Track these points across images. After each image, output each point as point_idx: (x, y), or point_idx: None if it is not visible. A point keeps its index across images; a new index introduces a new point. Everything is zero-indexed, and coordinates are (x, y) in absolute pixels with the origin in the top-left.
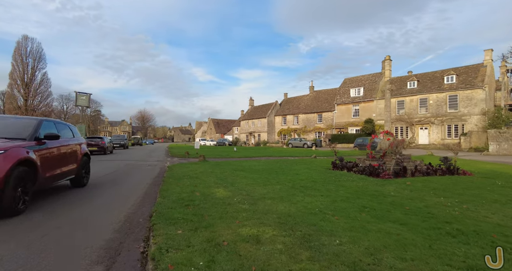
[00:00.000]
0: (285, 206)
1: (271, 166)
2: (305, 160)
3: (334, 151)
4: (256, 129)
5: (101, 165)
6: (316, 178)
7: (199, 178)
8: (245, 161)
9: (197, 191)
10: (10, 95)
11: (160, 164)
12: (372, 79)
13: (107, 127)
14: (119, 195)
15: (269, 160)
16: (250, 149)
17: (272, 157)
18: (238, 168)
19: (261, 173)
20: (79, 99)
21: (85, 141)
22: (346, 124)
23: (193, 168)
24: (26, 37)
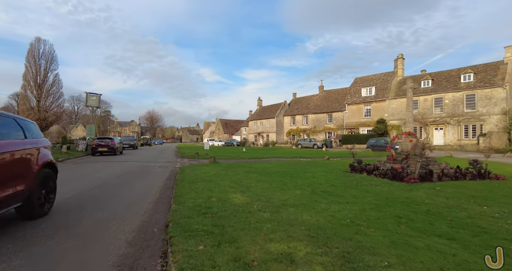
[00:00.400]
0: (311, 216)
1: (284, 168)
2: (318, 162)
3: (352, 153)
4: (264, 130)
5: (112, 167)
6: (336, 182)
7: (213, 182)
8: (256, 163)
9: (213, 197)
10: (24, 96)
11: (170, 165)
12: (384, 78)
13: (117, 128)
14: (131, 200)
15: (281, 161)
16: (259, 149)
17: (283, 158)
18: (250, 170)
19: (276, 176)
20: (89, 100)
21: (49, 145)
22: (357, 124)
23: (205, 170)
24: (38, 39)
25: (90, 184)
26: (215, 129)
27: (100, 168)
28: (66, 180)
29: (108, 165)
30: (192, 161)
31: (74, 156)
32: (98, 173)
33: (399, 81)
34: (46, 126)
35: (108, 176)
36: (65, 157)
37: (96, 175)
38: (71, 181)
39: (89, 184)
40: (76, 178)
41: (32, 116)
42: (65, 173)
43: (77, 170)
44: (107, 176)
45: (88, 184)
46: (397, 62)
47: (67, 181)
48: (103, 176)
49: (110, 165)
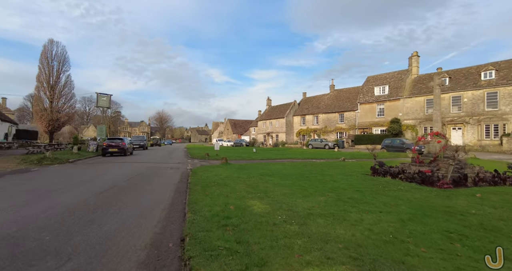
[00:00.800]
0: (345, 229)
1: (300, 170)
2: (334, 164)
3: (373, 154)
4: (274, 130)
5: (122, 169)
6: (360, 187)
7: (227, 186)
8: (269, 164)
9: (230, 204)
10: (37, 97)
11: (181, 167)
12: (398, 76)
13: (127, 128)
14: (142, 207)
15: (294, 163)
16: (269, 150)
17: (295, 160)
18: (265, 172)
19: (293, 179)
20: (100, 100)
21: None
22: (370, 124)
23: (217, 172)
24: (51, 41)
25: (100, 187)
26: (223, 129)
27: (110, 170)
28: (77, 183)
29: (118, 167)
30: (203, 162)
31: (84, 157)
32: (108, 175)
33: (414, 80)
34: (59, 127)
35: (118, 178)
36: (76, 158)
37: (106, 177)
38: (82, 183)
39: (99, 187)
40: (86, 180)
41: (45, 116)
42: (76, 174)
43: (87, 172)
44: (117, 179)
45: (97, 187)
46: (412, 60)
47: (78, 184)
48: (113, 178)
49: (120, 166)
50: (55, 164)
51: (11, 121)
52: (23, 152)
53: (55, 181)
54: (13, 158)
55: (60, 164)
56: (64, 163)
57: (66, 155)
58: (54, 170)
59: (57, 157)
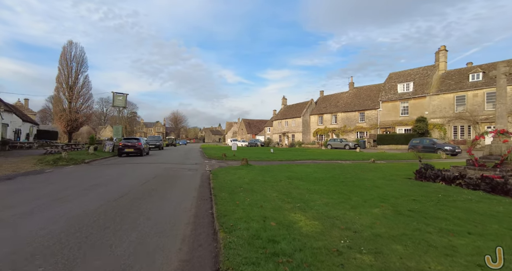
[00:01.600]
0: (442, 264)
1: (329, 173)
2: (365, 166)
3: (419, 157)
4: (289, 129)
5: (138, 170)
6: (414, 195)
7: (256, 192)
8: (292, 166)
9: (269, 218)
10: (57, 98)
11: (200, 168)
12: (423, 72)
13: (142, 128)
14: (161, 220)
15: (319, 164)
16: (286, 150)
17: (319, 161)
18: (292, 175)
19: (327, 184)
20: (116, 100)
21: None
22: (393, 123)
23: (240, 175)
24: (70, 42)
25: (114, 192)
26: (237, 129)
27: (126, 172)
28: (89, 187)
29: (134, 168)
30: (221, 162)
31: (100, 157)
32: (124, 178)
33: (442, 76)
34: (77, 127)
35: (134, 182)
36: (92, 158)
37: (121, 180)
38: (94, 188)
39: (113, 193)
40: (100, 183)
41: (64, 117)
42: (90, 177)
43: (102, 174)
44: (133, 182)
45: (111, 192)
46: (439, 55)
47: (90, 188)
48: (128, 182)
49: (136, 167)
50: (71, 165)
51: (32, 122)
52: (41, 152)
53: (67, 184)
54: (31, 158)
55: (75, 165)
56: (79, 164)
57: (82, 155)
58: (68, 172)
59: (72, 157)
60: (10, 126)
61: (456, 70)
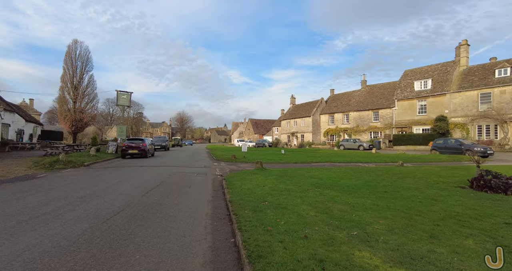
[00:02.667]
0: None
1: (360, 179)
2: (396, 170)
3: (477, 161)
4: (299, 129)
5: (141, 175)
6: (501, 215)
7: (287, 208)
8: (312, 170)
9: (328, 262)
10: (62, 98)
11: (209, 172)
12: (442, 69)
13: (149, 129)
14: (166, 256)
15: (340, 167)
16: (297, 151)
17: (337, 163)
18: (318, 183)
19: (366, 195)
20: (120, 99)
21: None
22: (409, 123)
23: (258, 182)
24: (75, 41)
25: (108, 207)
26: (244, 129)
27: (127, 177)
28: (79, 199)
29: (137, 172)
30: (231, 165)
31: (102, 159)
32: (123, 185)
33: (463, 72)
34: (82, 127)
35: (135, 191)
36: (93, 161)
37: (120, 188)
38: (85, 200)
39: (106, 208)
40: (94, 193)
41: (68, 117)
42: (84, 184)
43: (99, 180)
44: (133, 191)
45: (104, 207)
46: (460, 50)
47: (80, 202)
48: (128, 191)
49: (140, 171)
50: (68, 168)
51: (36, 122)
52: (41, 154)
53: (54, 195)
54: (28, 161)
55: (73, 168)
56: (78, 167)
57: (83, 157)
58: (62, 177)
59: (71, 160)
60: (12, 126)
61: (479, 66)
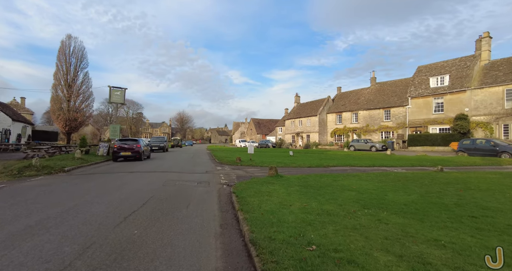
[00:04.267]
0: None
1: (411, 191)
2: (443, 177)
3: None
4: (304, 129)
5: (130, 185)
6: None
7: (357, 264)
8: (337, 177)
9: None
10: (54, 96)
11: (213, 180)
12: (461, 64)
13: (148, 129)
14: None
15: (369, 173)
16: (304, 152)
17: (358, 167)
18: (359, 198)
19: (451, 223)
20: (113, 95)
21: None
22: (424, 122)
23: (280, 198)
24: (69, 36)
25: (50, 255)
26: (246, 129)
27: (108, 189)
28: (17, 234)
29: (124, 181)
30: (237, 170)
31: (89, 163)
32: (96, 205)
33: (485, 67)
34: (76, 127)
35: (109, 216)
36: (77, 165)
37: (89, 210)
38: (25, 237)
39: (45, 259)
40: (46, 221)
41: (62, 116)
42: (47, 200)
43: (70, 194)
44: (106, 216)
45: (44, 256)
46: (481, 43)
47: (15, 239)
48: (98, 217)
49: (128, 179)
50: (41, 175)
51: (26, 121)
52: (22, 156)
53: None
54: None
55: (48, 176)
56: (54, 174)
57: (65, 161)
58: (21, 190)
59: (48, 164)
60: None
61: (503, 60)
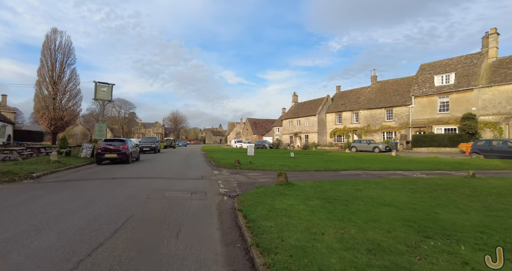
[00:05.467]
0: None
1: (464, 206)
2: (485, 185)
3: None
4: (302, 129)
5: (104, 198)
6: None
7: None
8: (356, 184)
9: None
10: (38, 93)
11: (210, 188)
12: (467, 61)
13: (141, 129)
14: None
15: (392, 180)
16: (306, 153)
17: (372, 171)
18: (403, 217)
19: None
20: (99, 91)
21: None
22: (429, 122)
23: (305, 220)
24: (55, 30)
25: None
26: (242, 129)
27: (77, 203)
28: None
29: (99, 192)
30: (237, 174)
31: (66, 167)
32: (46, 234)
33: (492, 64)
34: (62, 127)
35: (60, 252)
36: (51, 169)
37: (35, 242)
38: None
39: None
40: None
41: (46, 115)
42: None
43: (21, 211)
44: (56, 252)
45: None
46: (488, 40)
47: None
48: (44, 251)
49: (105, 190)
50: (1, 183)
51: (5, 120)
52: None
53: None
54: None
55: (9, 184)
56: (18, 181)
57: (37, 165)
58: None
59: (12, 169)
60: None
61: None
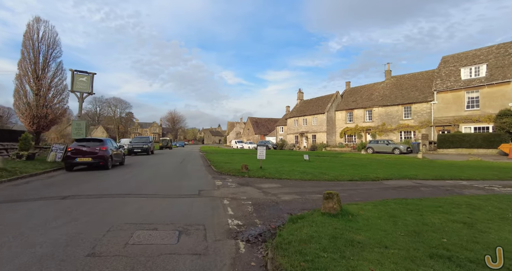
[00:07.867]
0: None
1: None
2: None
3: None
4: (309, 129)
5: (13, 253)
6: None
7: None
8: (442, 206)
9: None
10: (19, 89)
11: (212, 217)
12: (500, 51)
13: (137, 129)
14: None
15: (480, 197)
16: (318, 156)
17: (424, 181)
18: None
19: None
20: (76, 82)
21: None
22: (455, 120)
23: None
24: (38, 19)
25: None
26: (243, 129)
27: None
28: None
29: (26, 234)
30: (247, 186)
31: (17, 176)
32: None
33: None
34: (46, 126)
35: None
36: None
37: None
38: None
39: None
40: None
41: (28, 113)
42: None
43: None
44: None
45: None
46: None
47: None
48: None
49: (23, 228)
50: None
51: None
52: None
53: None
54: None
55: None
56: None
57: None
58: None
59: None
60: None
61: None
